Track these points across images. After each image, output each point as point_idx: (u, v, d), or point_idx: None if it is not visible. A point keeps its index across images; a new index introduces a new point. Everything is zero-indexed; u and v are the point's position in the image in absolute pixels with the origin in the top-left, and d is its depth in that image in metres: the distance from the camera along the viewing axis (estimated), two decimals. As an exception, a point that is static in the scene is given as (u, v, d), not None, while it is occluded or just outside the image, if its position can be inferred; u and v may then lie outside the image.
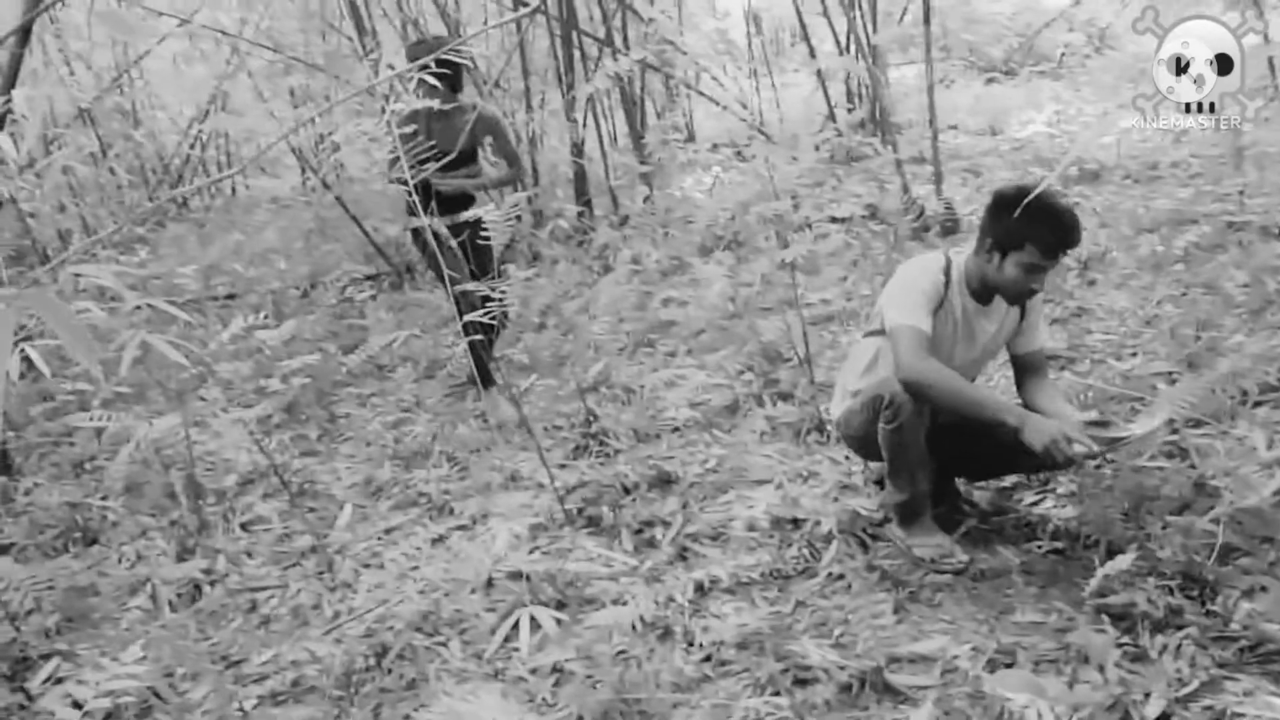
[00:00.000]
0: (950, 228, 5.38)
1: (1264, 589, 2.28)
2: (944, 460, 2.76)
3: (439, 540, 3.30)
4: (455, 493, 3.63)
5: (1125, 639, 2.19)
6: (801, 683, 2.29)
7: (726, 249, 5.86)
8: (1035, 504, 2.86)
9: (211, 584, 3.16)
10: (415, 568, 3.13)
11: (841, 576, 2.67)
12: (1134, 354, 3.68)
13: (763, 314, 4.79)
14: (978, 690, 2.15)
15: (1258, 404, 3.09)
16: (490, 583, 2.95)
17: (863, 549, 2.79)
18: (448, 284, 3.63)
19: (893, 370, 2.58)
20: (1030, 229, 2.47)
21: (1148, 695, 2.02)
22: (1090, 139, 6.03)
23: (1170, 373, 3.44)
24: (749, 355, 4.30)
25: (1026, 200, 2.44)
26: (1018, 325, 2.77)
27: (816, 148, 5.64)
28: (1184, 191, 5.40)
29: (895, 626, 2.43)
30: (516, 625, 2.38)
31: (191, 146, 9.52)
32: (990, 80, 10.02)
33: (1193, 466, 2.80)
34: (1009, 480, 2.96)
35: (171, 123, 9.89)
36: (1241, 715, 1.95)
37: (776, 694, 2.26)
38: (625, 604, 2.70)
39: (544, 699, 2.40)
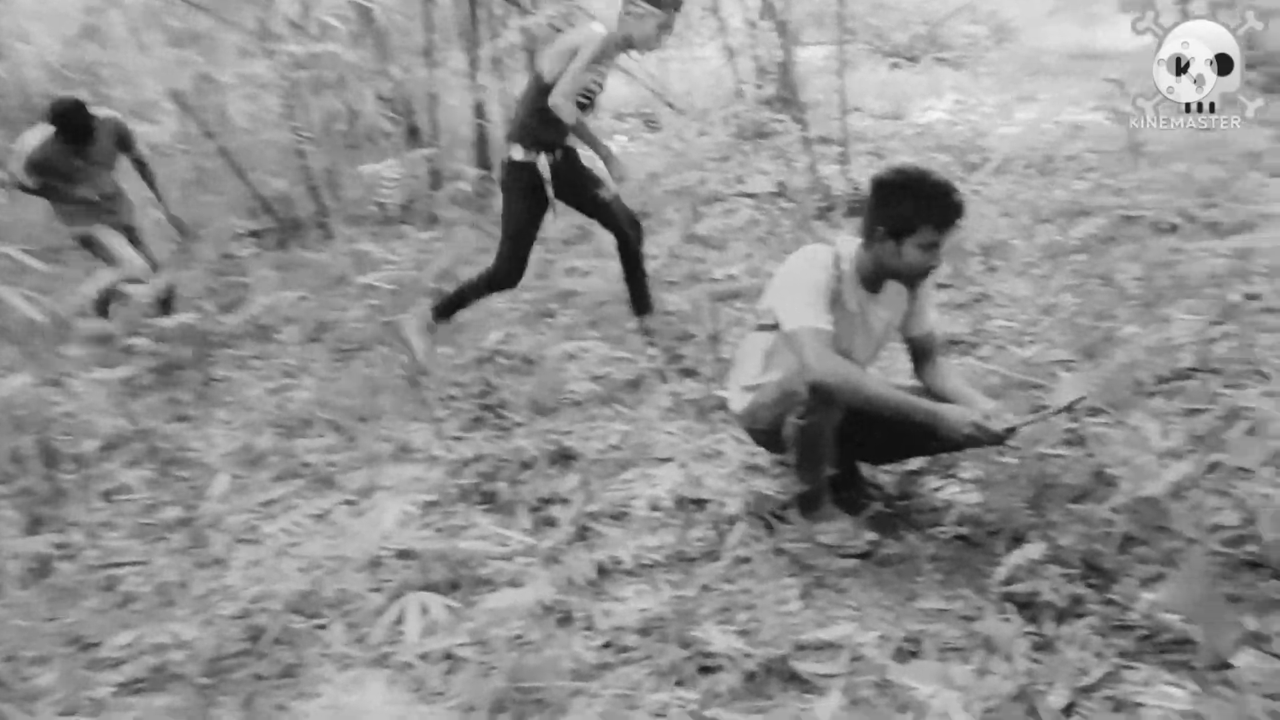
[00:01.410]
0: (856, 209, 5.36)
1: (1161, 578, 2.29)
2: (848, 444, 2.71)
3: (322, 515, 3.11)
4: (341, 464, 3.44)
5: (1030, 628, 2.18)
6: (706, 670, 2.21)
7: (632, 220, 5.73)
8: (939, 489, 2.84)
9: (65, 558, 2.90)
10: (295, 544, 2.94)
11: (747, 560, 2.59)
12: (1033, 341, 3.72)
13: (668, 287, 4.69)
14: (884, 679, 2.11)
15: (1151, 394, 3.15)
16: (377, 561, 2.78)
17: (768, 531, 2.72)
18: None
19: (797, 370, 2.51)
20: (922, 209, 2.45)
21: (1052, 685, 2.00)
22: (1022, 136, 6.12)
23: (1068, 361, 3.48)
24: (653, 330, 4.20)
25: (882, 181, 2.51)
26: (908, 309, 2.74)
27: (725, 122, 5.58)
28: (1080, 184, 5.52)
29: (801, 612, 2.37)
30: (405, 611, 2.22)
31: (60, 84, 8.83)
32: (894, 65, 10.13)
33: (1091, 455, 2.82)
34: (914, 464, 2.94)
35: (39, 58, 9.18)
36: (1141, 705, 1.95)
37: (680, 683, 2.18)
38: (522, 586, 2.58)
39: (434, 688, 2.26)
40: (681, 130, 4.01)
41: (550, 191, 3.89)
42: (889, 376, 3.07)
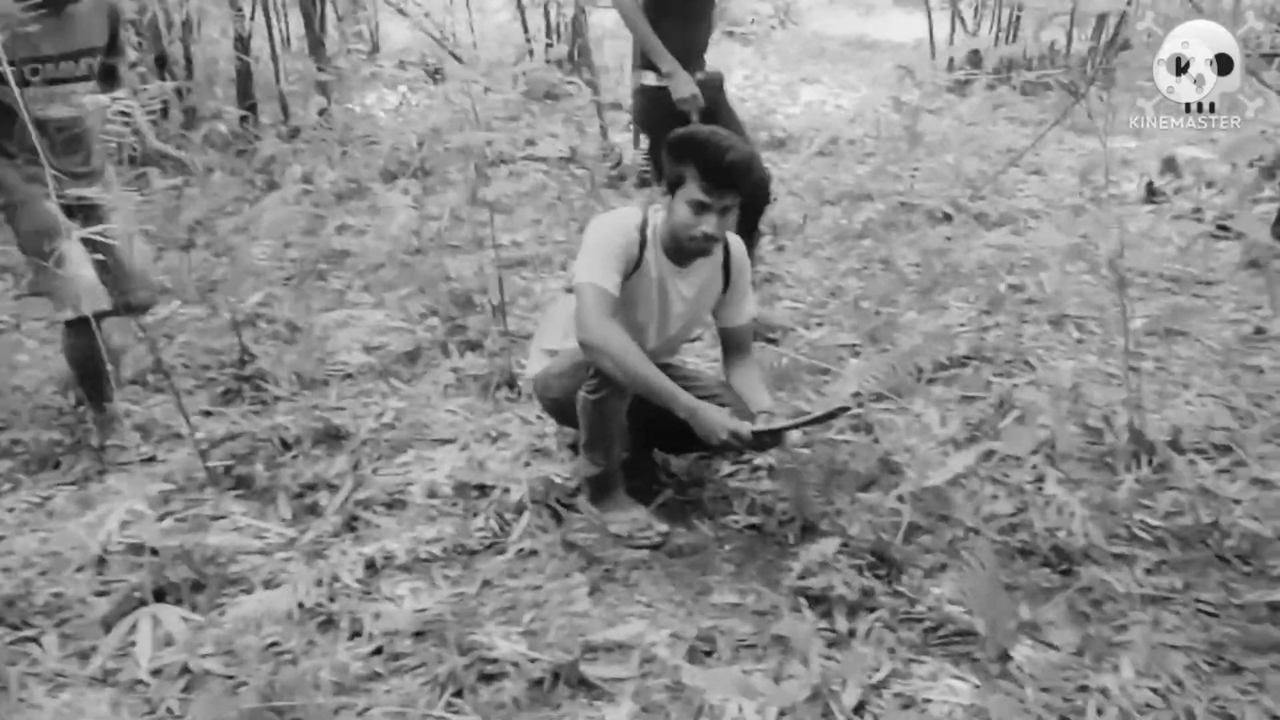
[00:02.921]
0: (647, 180, 5.28)
1: (944, 568, 2.32)
2: (641, 430, 2.59)
3: (37, 505, 2.67)
4: (64, 443, 2.96)
5: (823, 623, 2.14)
6: (487, 678, 2.03)
7: (413, 177, 5.38)
8: (731, 475, 2.77)
9: None
10: (0, 538, 2.50)
11: (534, 553, 2.43)
12: (820, 324, 3.74)
13: (451, 252, 4.42)
14: (677, 682, 2.00)
15: (931, 381, 3.23)
16: (104, 559, 2.40)
17: (556, 521, 2.56)
18: None
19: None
20: (687, 160, 2.34)
21: (845, 684, 1.96)
22: (841, 118, 6.19)
23: (854, 345, 3.53)
24: (434, 297, 3.92)
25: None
26: (721, 295, 2.63)
27: (515, 79, 5.32)
28: (861, 169, 5.68)
29: (590, 611, 2.23)
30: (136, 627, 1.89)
31: None
32: (684, 36, 10.12)
33: (876, 441, 2.84)
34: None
35: None
36: (930, 701, 1.94)
37: (459, 694, 1.98)
38: (279, 586, 2.29)
39: (169, 709, 1.95)
40: (467, 85, 3.71)
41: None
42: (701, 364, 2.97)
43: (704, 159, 2.32)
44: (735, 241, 2.61)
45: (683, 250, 2.45)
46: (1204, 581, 2.26)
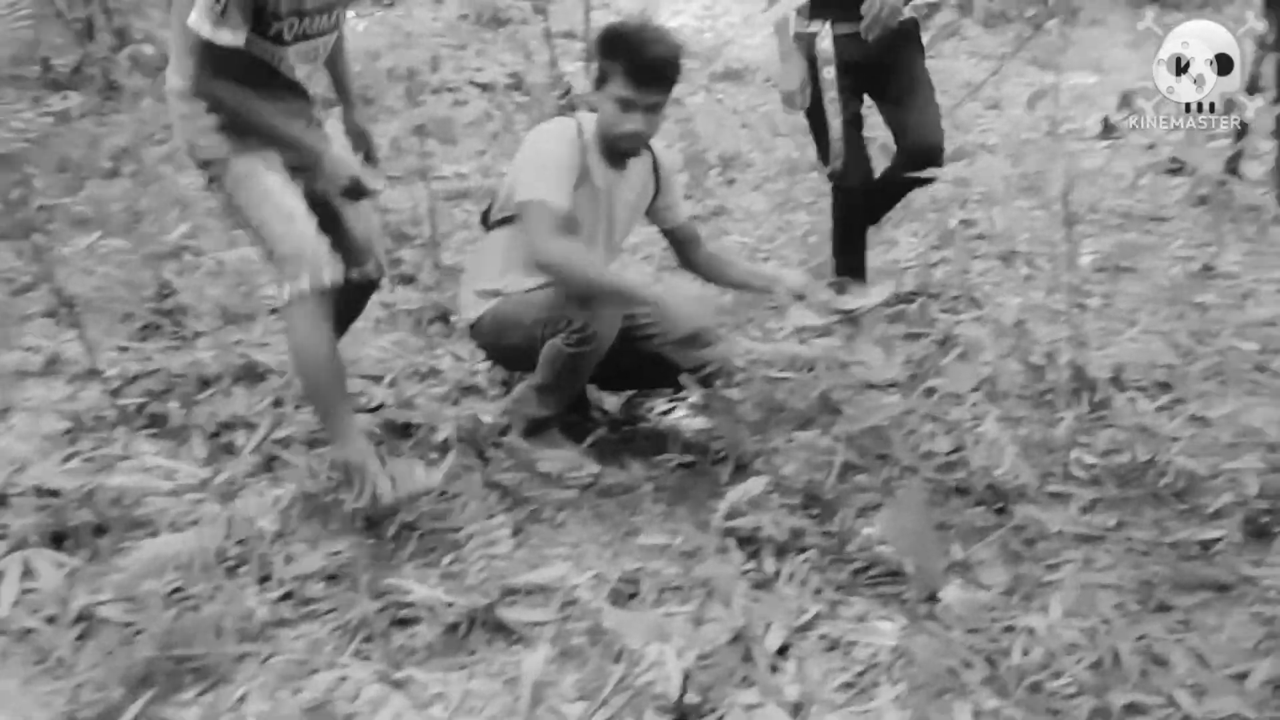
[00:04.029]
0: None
1: (878, 507, 2.27)
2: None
3: (-66, 443, 2.53)
4: (-35, 380, 2.83)
5: (750, 564, 2.08)
6: (401, 623, 1.95)
7: (351, 105, 5.15)
8: (666, 413, 2.70)
9: None
10: (-108, 482, 2.37)
11: (456, 495, 2.34)
12: (768, 258, 3.66)
13: (390, 183, 4.25)
14: (598, 625, 1.94)
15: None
16: (3, 500, 2.28)
17: (482, 461, 2.47)
18: None
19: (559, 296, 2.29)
20: (614, 57, 2.26)
21: (769, 626, 1.91)
22: (765, 48, 6.01)
23: (799, 281, 3.43)
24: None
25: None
26: (654, 199, 2.57)
27: (460, 4, 5.11)
28: (817, 101, 5.54)
29: (513, 553, 2.15)
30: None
31: None
32: (642, -36, 9.84)
33: (817, 378, 2.77)
34: (641, 385, 2.78)
35: None
36: (854, 643, 1.89)
37: (369, 639, 1.91)
38: (187, 529, 2.19)
39: (59, 659, 1.85)
40: (414, 8, 3.52)
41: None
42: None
43: (630, 54, 2.23)
44: (657, 144, 2.55)
45: (613, 149, 2.38)
46: (1138, 520, 2.22)
